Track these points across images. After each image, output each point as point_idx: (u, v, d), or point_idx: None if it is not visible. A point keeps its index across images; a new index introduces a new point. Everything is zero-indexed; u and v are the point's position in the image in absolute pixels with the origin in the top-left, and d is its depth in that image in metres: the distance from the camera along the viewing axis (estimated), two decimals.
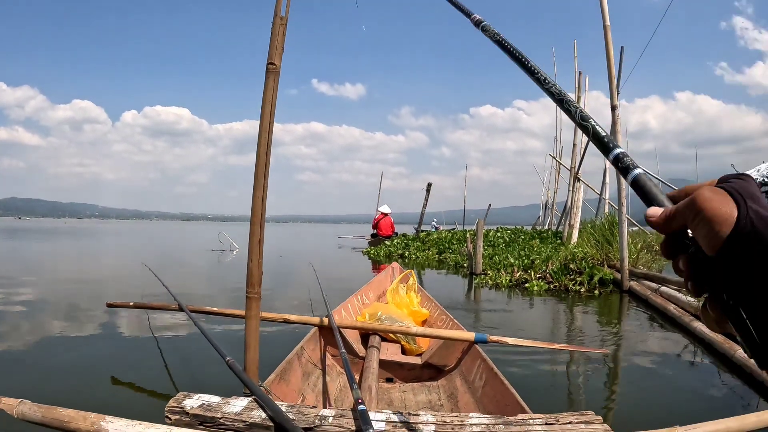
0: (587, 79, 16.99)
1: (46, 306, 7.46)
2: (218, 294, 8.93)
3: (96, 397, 3.61)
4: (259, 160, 2.46)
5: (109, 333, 5.64)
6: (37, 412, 1.91)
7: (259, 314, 2.77)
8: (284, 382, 3.02)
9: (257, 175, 2.47)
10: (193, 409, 2.06)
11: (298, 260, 17.21)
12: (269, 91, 2.47)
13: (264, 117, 2.49)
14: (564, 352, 4.74)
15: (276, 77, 2.50)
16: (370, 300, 6.12)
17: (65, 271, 13.51)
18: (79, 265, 15.40)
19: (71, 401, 2.35)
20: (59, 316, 6.60)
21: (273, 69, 2.47)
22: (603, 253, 10.57)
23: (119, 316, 6.32)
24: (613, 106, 8.88)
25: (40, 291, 8.98)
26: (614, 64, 8.78)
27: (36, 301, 7.89)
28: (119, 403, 3.54)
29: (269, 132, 2.50)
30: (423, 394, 3.65)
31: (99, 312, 6.53)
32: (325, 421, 2.03)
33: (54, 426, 1.89)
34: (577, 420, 2.06)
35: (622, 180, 7.95)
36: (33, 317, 6.52)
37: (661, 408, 3.54)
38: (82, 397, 3.57)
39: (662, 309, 6.80)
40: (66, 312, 6.98)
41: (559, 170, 23.11)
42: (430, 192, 23.40)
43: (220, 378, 3.47)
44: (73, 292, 8.99)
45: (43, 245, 26.24)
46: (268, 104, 2.48)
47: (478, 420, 2.10)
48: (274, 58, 2.47)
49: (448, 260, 15.76)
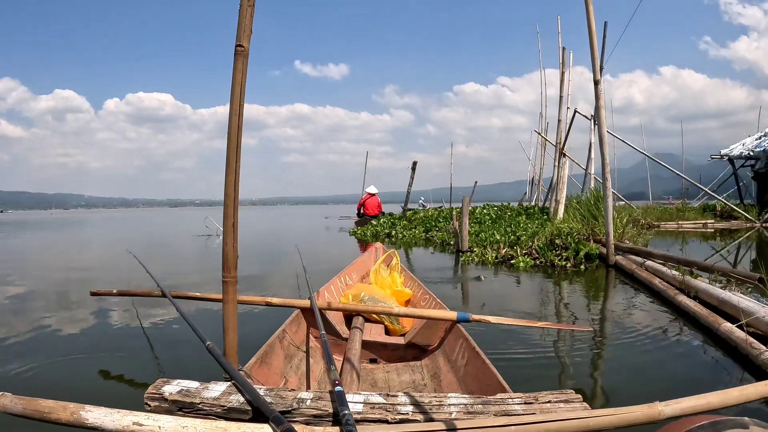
0: (571, 54, 16.98)
1: (29, 297, 7.44)
2: (205, 279, 8.89)
3: (79, 386, 3.59)
4: (231, 143, 2.43)
5: (93, 321, 5.61)
6: (18, 404, 1.89)
7: (237, 298, 2.75)
8: (266, 365, 3.01)
9: (229, 158, 2.44)
10: (171, 395, 2.05)
11: (285, 243, 17.20)
12: (238, 72, 2.44)
13: (234, 99, 2.46)
14: (548, 329, 4.75)
15: (245, 59, 2.47)
16: (353, 281, 6.11)
17: (51, 261, 13.48)
18: (65, 255, 15.36)
19: (54, 391, 2.34)
20: (43, 306, 6.57)
21: (241, 51, 2.44)
22: (589, 228, 10.62)
23: (103, 304, 6.28)
24: (595, 81, 8.88)
25: (24, 282, 8.95)
26: (597, 38, 8.74)
27: (20, 292, 7.85)
28: (101, 391, 3.53)
29: (239, 115, 2.48)
30: (407, 374, 3.65)
31: (83, 301, 6.50)
32: (302, 403, 2.02)
33: (35, 417, 1.88)
34: (556, 399, 2.06)
35: (607, 152, 7.97)
36: (16, 308, 6.50)
37: (645, 384, 3.55)
38: (65, 387, 3.56)
39: (648, 283, 6.82)
40: (50, 302, 6.95)
41: (545, 146, 23.18)
42: (416, 170, 23.42)
43: (202, 363, 3.45)
44: (58, 282, 8.98)
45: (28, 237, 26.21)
46: (238, 86, 2.45)
47: (456, 400, 2.10)
48: (243, 40, 2.44)
49: (434, 238, 15.81)
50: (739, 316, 4.38)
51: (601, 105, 9.10)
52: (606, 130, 9.01)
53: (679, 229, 18.27)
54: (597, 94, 9.06)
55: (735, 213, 19.10)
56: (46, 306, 6.54)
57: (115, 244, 19.26)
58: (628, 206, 18.03)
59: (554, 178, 16.98)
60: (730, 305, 4.78)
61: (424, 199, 43.04)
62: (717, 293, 5.12)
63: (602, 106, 9.10)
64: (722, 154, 25.40)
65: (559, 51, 17.21)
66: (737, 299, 4.75)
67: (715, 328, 4.41)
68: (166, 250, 15.98)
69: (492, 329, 4.62)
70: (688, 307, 5.21)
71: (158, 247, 17.48)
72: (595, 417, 1.81)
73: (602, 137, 8.86)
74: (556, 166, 16.69)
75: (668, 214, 19.97)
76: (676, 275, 6.25)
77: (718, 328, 4.35)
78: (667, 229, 18.02)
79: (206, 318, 5.51)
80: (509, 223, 15.28)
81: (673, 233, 16.92)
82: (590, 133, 16.11)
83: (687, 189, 24.86)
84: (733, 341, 4.02)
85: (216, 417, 1.99)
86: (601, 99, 9.08)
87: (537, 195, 26.32)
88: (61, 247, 19.41)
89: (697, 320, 4.87)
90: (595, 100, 9.21)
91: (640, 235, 11.33)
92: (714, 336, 4.40)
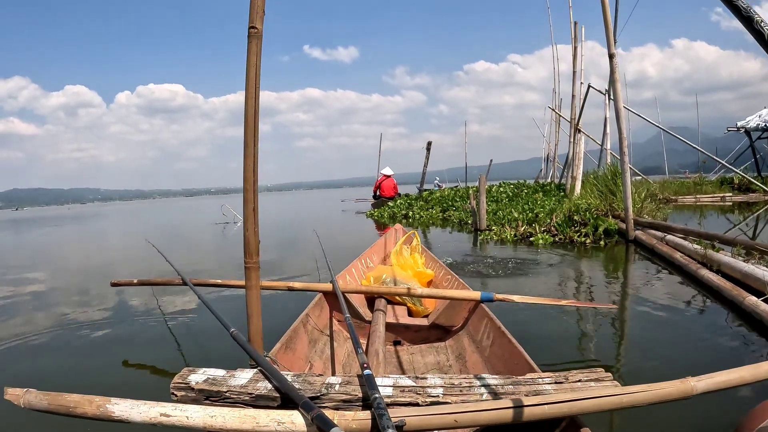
0: (583, 29, 16.81)
1: (51, 290, 7.51)
2: (225, 266, 8.93)
3: (104, 379, 3.62)
4: (248, 127, 2.41)
5: (116, 312, 5.65)
6: (43, 400, 1.88)
7: (260, 284, 2.73)
8: (290, 351, 3.00)
9: (247, 142, 2.42)
10: (198, 384, 2.04)
11: (303, 227, 17.21)
12: (253, 55, 2.42)
13: (249, 83, 2.43)
14: (572, 307, 4.71)
15: (259, 41, 2.44)
16: (374, 263, 6.10)
17: (70, 254, 13.61)
18: (85, 249, 15.49)
19: (79, 385, 2.33)
20: (65, 299, 6.63)
21: (255, 33, 2.42)
22: (607, 203, 10.56)
23: (125, 294, 6.32)
24: (610, 54, 8.77)
25: (46, 277, 9.04)
26: (610, 12, 8.65)
27: (41, 286, 7.95)
28: (127, 383, 3.55)
29: (256, 99, 2.45)
30: (431, 355, 3.63)
31: (105, 292, 6.54)
32: (331, 388, 2.00)
33: (61, 412, 1.87)
34: (586, 377, 2.03)
35: (624, 127, 7.89)
36: (39, 302, 6.54)
37: (671, 359, 3.51)
38: (90, 380, 3.59)
39: (669, 257, 6.76)
40: (72, 295, 7.02)
41: (559, 122, 23.02)
42: (431, 151, 23.34)
43: (226, 350, 3.46)
44: (80, 275, 9.06)
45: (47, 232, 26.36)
46: (253, 69, 2.43)
47: (486, 381, 2.08)
48: (256, 22, 2.41)
49: (452, 218, 15.80)
50: (764, 289, 4.34)
51: (616, 79, 8.98)
52: (622, 104, 8.91)
53: (696, 203, 18.11)
54: (612, 68, 8.95)
55: (753, 186, 18.85)
56: (68, 299, 6.59)
57: (134, 235, 19.37)
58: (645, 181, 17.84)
59: (570, 155, 16.86)
60: (754, 278, 4.73)
61: (439, 179, 42.93)
62: (740, 266, 5.06)
63: (617, 79, 8.99)
64: (738, 126, 25.09)
65: (570, 26, 17.08)
66: (761, 272, 4.71)
67: (739, 301, 4.36)
68: (184, 239, 16.05)
69: (515, 308, 4.59)
70: (711, 281, 5.16)
71: (177, 236, 17.55)
72: (628, 394, 1.78)
73: (618, 111, 8.77)
74: (571, 143, 16.56)
75: (685, 188, 19.78)
76: (697, 249, 6.18)
77: (743, 301, 4.30)
78: (685, 203, 17.87)
79: (228, 305, 5.52)
80: (526, 200, 15.22)
81: (691, 207, 16.78)
82: (605, 108, 15.98)
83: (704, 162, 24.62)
84: (759, 314, 3.98)
85: (244, 405, 1.98)
86: (616, 73, 8.96)
87: (553, 172, 26.16)
88: (79, 240, 19.58)
89: (721, 294, 4.82)
90: (610, 74, 9.11)
91: (659, 209, 11.24)
92: (738, 309, 4.35)
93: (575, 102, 16.68)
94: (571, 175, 15.55)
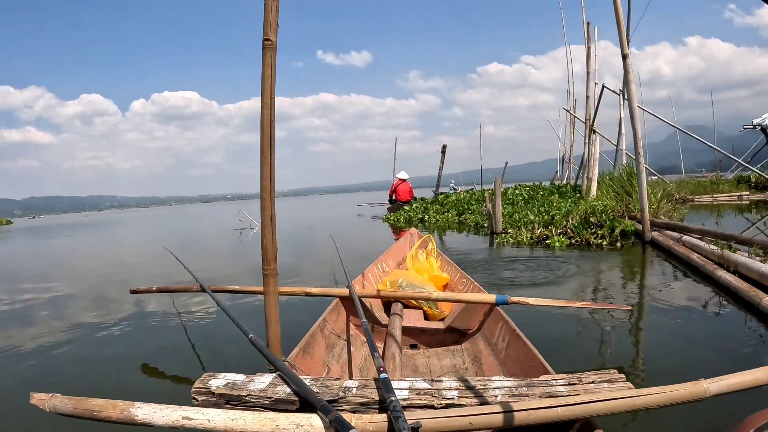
0: (596, 29, 16.79)
1: (71, 298, 7.59)
2: (242, 272, 9.00)
3: (125, 384, 3.67)
4: (264, 136, 2.45)
5: (135, 319, 5.70)
6: (68, 404, 1.92)
7: (278, 290, 2.78)
8: (308, 355, 3.04)
9: (263, 151, 2.46)
10: (218, 389, 2.08)
11: (319, 232, 17.25)
12: (267, 67, 2.46)
13: (265, 93, 2.48)
14: (587, 309, 4.72)
15: (273, 53, 2.48)
16: (390, 267, 6.12)
17: (89, 262, 13.69)
18: (103, 256, 15.60)
19: (102, 390, 2.38)
20: (86, 307, 6.70)
21: (269, 45, 2.46)
22: (623, 204, 10.52)
23: (144, 301, 6.39)
24: (623, 55, 8.76)
25: (66, 284, 9.13)
26: (622, 11, 8.64)
27: (62, 294, 8.03)
28: (148, 388, 3.60)
29: (271, 108, 2.49)
30: (447, 358, 3.66)
31: (124, 299, 6.59)
32: (348, 392, 2.04)
33: (85, 416, 1.91)
34: (600, 379, 2.05)
35: (639, 127, 7.88)
36: (60, 310, 6.62)
37: (687, 361, 3.51)
38: (111, 385, 3.64)
39: (685, 258, 6.71)
40: (92, 302, 7.09)
41: (574, 123, 22.92)
42: (446, 154, 23.33)
43: (246, 356, 3.50)
44: (99, 283, 9.11)
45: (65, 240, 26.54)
46: (268, 80, 2.47)
47: (500, 383, 2.10)
48: (270, 34, 2.46)
49: (468, 221, 15.73)
50: None
51: (630, 79, 8.96)
52: (636, 105, 8.89)
53: (713, 202, 17.94)
54: (626, 69, 8.95)
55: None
56: (88, 306, 6.66)
57: (152, 241, 19.46)
58: (661, 181, 17.75)
59: (585, 156, 16.82)
60: None
61: (454, 182, 42.85)
62: (758, 267, 5.03)
63: (631, 80, 8.97)
64: (754, 123, 24.87)
65: (583, 26, 17.04)
66: None
67: (756, 302, 4.34)
68: (202, 245, 16.13)
69: (529, 311, 4.61)
70: (728, 281, 5.13)
71: (194, 242, 17.65)
72: (640, 396, 1.80)
73: (633, 112, 8.75)
74: (586, 143, 16.51)
75: (702, 188, 19.63)
76: (713, 250, 6.14)
77: (760, 302, 4.29)
78: (702, 203, 17.72)
79: (246, 310, 5.57)
80: (542, 202, 15.15)
81: (708, 206, 16.65)
82: (619, 108, 15.93)
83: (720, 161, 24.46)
84: None
85: (263, 408, 2.02)
86: (630, 73, 8.94)
87: (568, 173, 26.07)
88: (98, 247, 19.70)
89: (738, 295, 4.80)
90: (624, 75, 9.11)
91: (675, 209, 11.18)
92: (756, 311, 4.33)
93: (590, 103, 16.65)
94: (587, 176, 15.52)
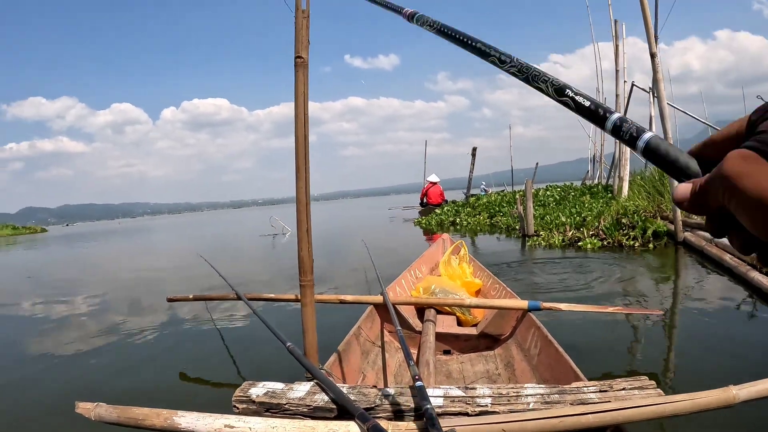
0: (624, 26, 16.64)
1: (109, 307, 7.70)
2: (275, 278, 9.07)
3: (166, 393, 3.75)
4: (299, 150, 2.50)
5: (172, 328, 5.81)
6: (113, 413, 1.98)
7: (314, 299, 2.83)
8: (344, 363, 3.09)
9: (298, 164, 2.52)
10: (258, 397, 2.14)
11: (350, 237, 17.29)
12: (300, 83, 2.51)
13: (298, 108, 2.53)
14: (618, 314, 4.72)
15: (305, 70, 2.54)
16: (423, 274, 6.14)
17: (125, 270, 13.80)
18: (138, 263, 15.74)
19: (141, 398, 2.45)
20: (123, 315, 6.79)
21: (301, 62, 2.51)
22: (655, 204, 10.43)
23: (180, 310, 6.49)
24: (652, 54, 8.68)
25: (104, 292, 9.26)
26: (650, 9, 8.58)
27: (101, 302, 8.16)
28: (187, 395, 3.67)
29: (305, 123, 2.55)
30: (480, 364, 3.69)
31: (161, 307, 6.70)
32: (385, 399, 2.09)
33: (129, 425, 1.96)
34: (630, 386, 2.08)
35: (669, 126, 7.82)
36: (100, 318, 6.74)
37: (719, 366, 3.51)
38: (154, 393, 3.72)
39: (718, 259, 6.68)
40: (129, 311, 7.20)
41: None
42: (476, 156, 23.25)
43: (282, 364, 3.55)
44: (135, 290, 9.24)
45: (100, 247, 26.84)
46: (301, 96, 2.52)
47: (533, 390, 2.14)
48: (301, 52, 2.51)
49: (499, 224, 15.68)
50: None
51: (659, 78, 8.90)
52: (666, 103, 8.82)
53: None
54: (654, 67, 8.87)
55: None
56: (126, 315, 6.75)
57: (185, 248, 19.56)
58: None
59: (616, 155, 16.65)
60: None
61: (485, 183, 42.64)
62: None
63: (660, 79, 8.91)
64: None
65: (611, 24, 16.90)
66: None
67: None
68: (235, 252, 16.21)
69: (561, 316, 4.62)
70: (761, 283, 5.09)
71: (227, 248, 17.71)
72: (670, 403, 1.82)
73: (663, 110, 8.67)
74: (617, 142, 16.36)
75: None
76: None
77: None
78: None
79: (281, 318, 5.64)
80: (573, 203, 15.03)
81: None
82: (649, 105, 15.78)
83: None
84: None
85: (302, 416, 2.07)
86: (659, 72, 8.88)
87: (599, 173, 25.83)
88: (133, 255, 19.90)
89: None
90: (653, 73, 9.04)
91: None
92: None
93: (619, 101, 16.47)
94: (618, 175, 15.36)
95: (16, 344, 5.68)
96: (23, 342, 5.78)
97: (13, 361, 4.98)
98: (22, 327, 6.70)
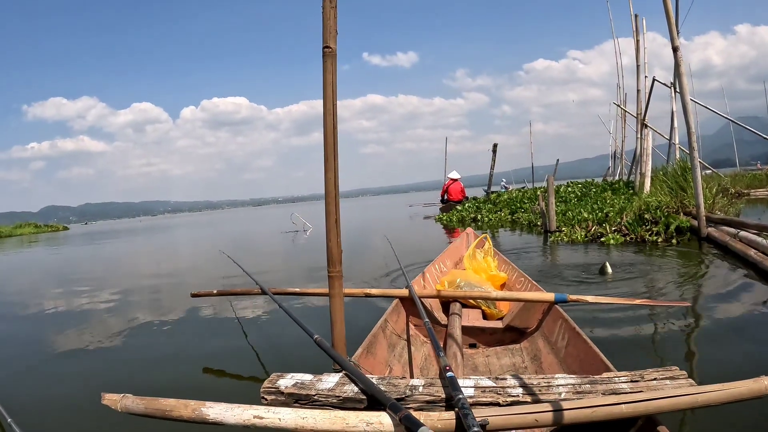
0: (644, 21, 16.52)
1: (134, 302, 7.75)
2: (297, 274, 9.12)
3: (193, 385, 3.75)
4: (327, 141, 2.51)
5: (198, 322, 5.85)
6: (140, 404, 1.99)
7: (343, 291, 2.83)
8: (371, 355, 3.09)
9: (327, 156, 2.52)
10: (287, 389, 2.15)
11: (372, 233, 17.32)
12: (328, 73, 2.51)
13: (327, 99, 2.53)
14: (644, 306, 4.68)
15: (333, 60, 2.54)
16: (447, 267, 6.12)
17: (148, 266, 13.92)
18: (161, 259, 15.86)
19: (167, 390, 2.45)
20: (148, 310, 6.83)
21: (329, 52, 2.51)
22: (677, 200, 10.33)
23: (205, 305, 6.51)
24: (674, 48, 8.60)
25: (127, 287, 9.30)
26: (671, 3, 8.51)
27: (124, 297, 8.19)
28: (213, 388, 3.69)
29: (333, 114, 2.55)
30: (507, 357, 3.68)
31: (185, 302, 6.72)
32: (415, 390, 2.09)
33: (156, 416, 1.97)
34: (661, 376, 2.06)
35: (692, 121, 7.76)
36: (124, 313, 6.77)
37: (746, 358, 3.48)
38: (179, 386, 3.73)
39: (743, 254, 6.58)
40: (154, 305, 7.25)
41: (625, 118, 22.54)
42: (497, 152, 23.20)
43: (308, 357, 3.55)
44: (159, 286, 9.30)
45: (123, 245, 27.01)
46: (329, 86, 2.52)
47: (564, 381, 2.13)
48: (329, 41, 2.51)
49: (521, 220, 15.65)
50: None
51: (681, 72, 8.80)
52: (689, 98, 8.74)
53: None
54: (676, 62, 8.78)
55: None
56: (149, 310, 6.78)
57: (208, 245, 19.67)
58: (716, 175, 17.34)
59: (637, 151, 16.53)
60: None
61: (506, 180, 42.56)
62: None
63: (683, 73, 8.80)
64: None
65: (631, 19, 16.79)
66: None
67: None
68: (257, 248, 16.27)
69: (586, 308, 4.60)
70: None
71: (249, 245, 17.80)
72: (702, 393, 1.81)
73: (686, 105, 8.59)
74: (638, 138, 16.20)
75: (758, 181, 19.16)
76: None
77: None
78: (758, 197, 17.24)
79: (305, 312, 5.66)
80: (595, 199, 14.96)
81: (765, 200, 16.26)
82: (671, 101, 15.63)
83: None
84: None
85: (331, 407, 2.07)
86: (681, 66, 8.75)
87: (621, 169, 25.68)
88: (156, 251, 20.03)
89: None
90: (675, 68, 8.96)
91: (731, 204, 10.96)
92: None
93: (640, 96, 16.35)
94: (640, 171, 15.25)
95: (41, 340, 5.71)
96: (48, 337, 5.82)
97: (38, 356, 5.01)
98: (46, 322, 6.74)
